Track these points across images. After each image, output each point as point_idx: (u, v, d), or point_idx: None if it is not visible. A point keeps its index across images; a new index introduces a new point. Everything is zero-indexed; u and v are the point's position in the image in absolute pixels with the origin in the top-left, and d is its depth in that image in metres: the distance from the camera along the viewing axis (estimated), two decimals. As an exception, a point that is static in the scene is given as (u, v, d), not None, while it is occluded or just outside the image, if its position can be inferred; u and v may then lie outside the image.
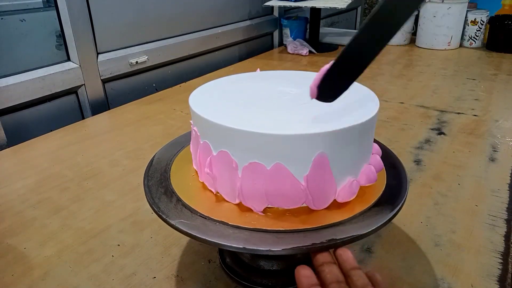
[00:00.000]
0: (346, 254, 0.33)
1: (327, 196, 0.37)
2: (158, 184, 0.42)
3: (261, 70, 0.51)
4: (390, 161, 0.45)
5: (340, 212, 0.37)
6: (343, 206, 0.38)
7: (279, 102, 0.41)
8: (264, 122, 0.36)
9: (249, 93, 0.44)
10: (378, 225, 0.35)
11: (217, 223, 0.36)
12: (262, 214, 0.37)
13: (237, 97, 0.43)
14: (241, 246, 0.33)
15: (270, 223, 0.36)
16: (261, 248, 0.33)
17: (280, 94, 0.43)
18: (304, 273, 0.32)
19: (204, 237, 0.34)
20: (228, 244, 0.33)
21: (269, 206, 0.37)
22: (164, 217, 0.36)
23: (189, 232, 0.34)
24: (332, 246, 0.33)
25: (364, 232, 0.34)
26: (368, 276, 0.31)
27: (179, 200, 0.39)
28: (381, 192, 0.39)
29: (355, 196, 0.38)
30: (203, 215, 0.37)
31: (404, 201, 0.38)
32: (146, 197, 0.40)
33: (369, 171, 0.39)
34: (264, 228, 0.35)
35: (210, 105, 0.40)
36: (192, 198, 0.39)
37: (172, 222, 0.36)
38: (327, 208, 0.37)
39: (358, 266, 0.32)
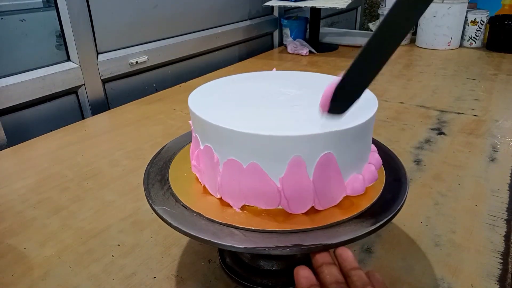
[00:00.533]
0: (346, 254, 0.33)
1: (303, 201, 0.36)
2: (158, 172, 0.44)
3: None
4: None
5: (318, 218, 0.36)
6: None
7: (273, 103, 0.41)
8: (247, 121, 0.36)
9: (246, 93, 0.44)
10: (351, 237, 0.34)
11: (194, 214, 0.37)
12: (239, 211, 0.37)
13: (233, 96, 0.43)
14: (207, 239, 0.34)
15: (243, 220, 0.36)
16: (225, 243, 0.33)
17: (277, 94, 0.42)
18: (303, 274, 0.31)
19: (176, 225, 0.35)
20: (196, 235, 0.34)
21: (247, 204, 0.37)
22: (150, 202, 0.39)
23: (166, 219, 0.36)
24: (297, 251, 0.33)
25: (333, 242, 0.33)
26: (368, 276, 0.31)
27: (169, 188, 0.41)
28: (372, 201, 0.38)
29: (335, 204, 0.37)
30: (185, 205, 0.38)
31: (401, 205, 0.37)
32: (143, 182, 0.41)
33: (357, 181, 0.37)
34: (234, 224, 0.36)
35: (205, 101, 0.41)
36: (182, 188, 0.41)
37: (155, 207, 0.38)
38: (306, 213, 0.37)
39: (358, 266, 0.32)
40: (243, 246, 0.33)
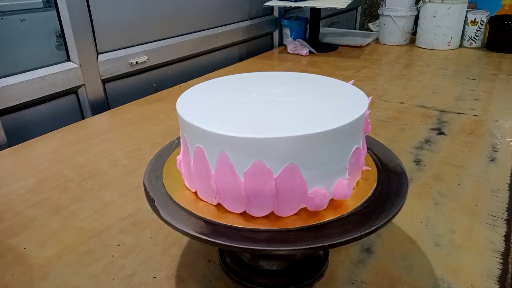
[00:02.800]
0: None
1: (264, 204, 0.36)
2: (163, 156, 0.47)
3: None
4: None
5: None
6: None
7: (255, 104, 0.41)
8: (213, 118, 0.37)
9: (233, 94, 0.44)
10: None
11: (174, 204, 0.39)
12: (213, 205, 0.38)
13: (221, 95, 0.43)
14: (173, 223, 0.36)
15: (210, 213, 0.37)
16: (183, 229, 0.35)
17: (263, 96, 0.42)
18: None
19: (151, 199, 0.39)
20: (157, 208, 0.38)
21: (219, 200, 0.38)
22: (144, 180, 0.42)
23: (148, 196, 0.40)
24: (249, 250, 0.33)
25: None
26: None
27: (158, 176, 0.44)
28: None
29: (295, 212, 0.36)
30: (167, 192, 0.40)
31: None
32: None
33: (317, 195, 0.35)
34: (198, 214, 0.37)
35: (191, 99, 0.42)
36: (171, 174, 0.43)
37: (148, 189, 0.41)
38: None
39: None
40: (197, 235, 0.34)
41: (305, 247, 0.33)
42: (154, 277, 0.46)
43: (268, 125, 0.36)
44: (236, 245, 0.33)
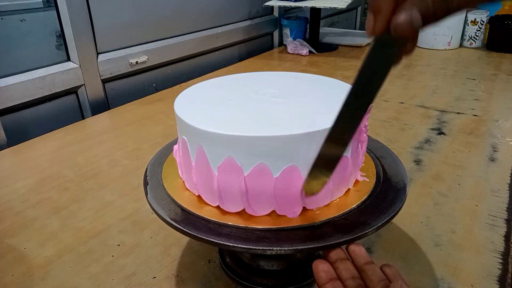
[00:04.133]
0: (359, 249, 0.33)
1: (234, 200, 0.36)
2: (167, 150, 0.48)
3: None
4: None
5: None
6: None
7: (247, 102, 0.41)
8: (198, 113, 0.38)
9: (230, 92, 0.44)
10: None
11: (162, 190, 0.41)
12: (196, 196, 0.40)
13: (216, 93, 0.44)
14: (154, 206, 0.38)
15: (190, 203, 0.38)
16: (160, 213, 0.37)
17: (259, 95, 0.42)
18: (322, 268, 0.32)
19: (146, 182, 0.42)
20: (150, 198, 0.40)
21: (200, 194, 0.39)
22: (148, 165, 0.45)
23: (144, 179, 0.43)
24: (215, 244, 0.34)
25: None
26: (383, 268, 0.32)
27: (162, 163, 0.46)
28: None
29: (267, 212, 0.37)
30: (161, 182, 0.42)
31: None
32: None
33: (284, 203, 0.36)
34: (179, 202, 0.39)
35: (189, 96, 0.43)
36: (173, 162, 0.45)
37: (147, 173, 0.44)
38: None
39: (371, 260, 0.32)
40: (177, 226, 0.35)
41: (262, 248, 0.33)
42: (154, 277, 0.46)
43: (246, 124, 0.36)
44: (200, 236, 0.34)
